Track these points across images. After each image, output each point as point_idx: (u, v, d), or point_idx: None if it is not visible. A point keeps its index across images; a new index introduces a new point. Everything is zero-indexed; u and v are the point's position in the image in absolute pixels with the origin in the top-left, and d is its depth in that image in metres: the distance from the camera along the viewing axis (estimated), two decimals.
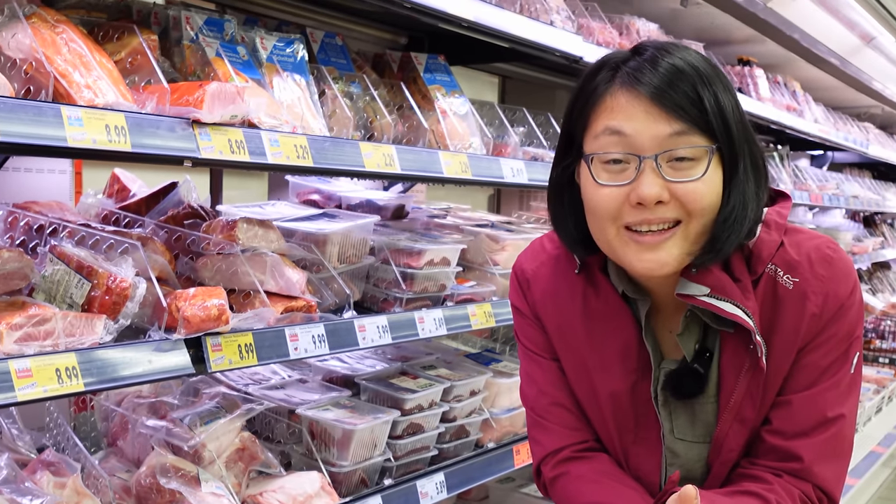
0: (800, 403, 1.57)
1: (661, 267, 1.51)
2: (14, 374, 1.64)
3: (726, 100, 1.49)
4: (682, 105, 1.45)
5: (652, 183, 1.46)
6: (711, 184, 1.49)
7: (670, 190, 1.47)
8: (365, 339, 2.40)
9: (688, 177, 1.47)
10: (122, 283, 1.90)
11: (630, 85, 1.48)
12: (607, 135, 1.50)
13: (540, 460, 1.78)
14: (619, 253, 1.54)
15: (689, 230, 1.49)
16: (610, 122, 1.49)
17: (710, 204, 1.49)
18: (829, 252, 1.58)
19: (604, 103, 1.51)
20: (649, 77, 1.47)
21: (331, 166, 2.31)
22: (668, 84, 1.46)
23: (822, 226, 7.36)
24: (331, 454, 2.46)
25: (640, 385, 1.65)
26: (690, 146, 1.47)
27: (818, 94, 6.84)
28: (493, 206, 4.67)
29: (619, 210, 1.50)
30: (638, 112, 1.47)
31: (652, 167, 1.47)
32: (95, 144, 1.76)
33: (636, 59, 1.51)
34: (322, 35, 2.79)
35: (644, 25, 4.12)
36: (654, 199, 1.46)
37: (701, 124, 1.47)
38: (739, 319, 1.52)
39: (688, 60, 1.49)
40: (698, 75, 1.48)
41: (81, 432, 2.44)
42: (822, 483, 1.57)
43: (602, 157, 1.51)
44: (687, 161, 1.47)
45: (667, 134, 1.46)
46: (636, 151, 1.47)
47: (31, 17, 1.89)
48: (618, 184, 1.50)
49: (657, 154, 1.46)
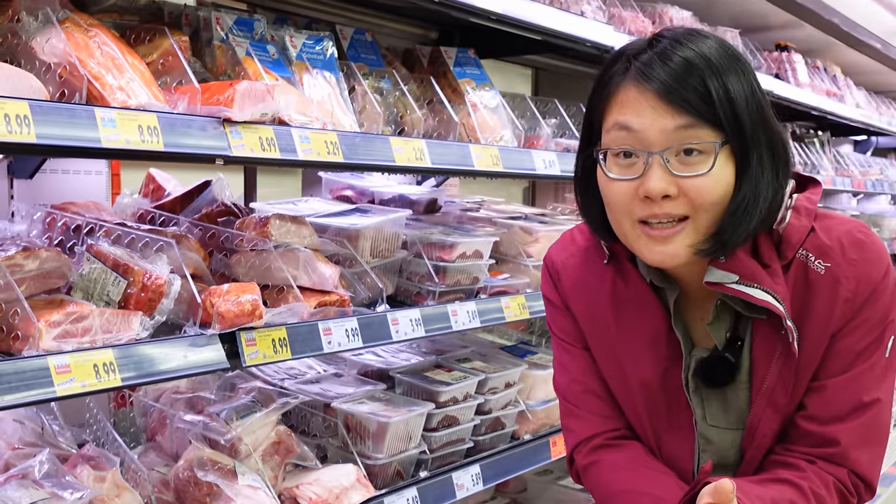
0: (835, 388, 1.56)
1: (671, 259, 1.52)
2: (53, 370, 1.68)
3: (739, 89, 1.48)
4: (688, 99, 1.45)
5: (658, 178, 1.47)
6: (720, 177, 1.48)
7: (678, 185, 1.47)
8: (398, 332, 2.42)
9: (695, 171, 1.47)
10: (157, 281, 1.94)
11: (639, 80, 1.49)
12: (617, 129, 1.51)
13: (573, 448, 1.78)
14: (633, 245, 1.56)
15: (697, 224, 1.49)
16: (619, 118, 1.50)
17: (719, 198, 1.48)
18: (860, 236, 1.57)
19: (616, 97, 1.52)
20: (658, 72, 1.47)
21: (361, 161, 2.33)
22: (674, 78, 1.46)
23: (866, 213, 7.22)
24: (366, 447, 2.48)
25: (671, 373, 1.65)
26: (697, 140, 1.46)
27: (860, 79, 6.72)
28: (528, 198, 4.67)
29: (630, 204, 1.51)
30: (645, 107, 1.47)
31: (659, 162, 1.47)
32: (129, 145, 1.79)
33: (648, 52, 1.51)
34: (352, 32, 2.81)
35: (677, 13, 4.08)
36: (660, 193, 1.47)
37: (709, 118, 1.46)
38: (769, 305, 1.51)
39: (701, 51, 1.48)
40: (709, 66, 1.47)
41: (121, 428, 2.49)
42: (858, 468, 1.56)
43: (613, 150, 1.52)
44: (695, 155, 1.47)
45: (673, 128, 1.46)
46: (644, 146, 1.48)
47: (65, 21, 1.93)
48: (627, 178, 1.51)
49: (664, 149, 1.47)
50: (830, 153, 6.45)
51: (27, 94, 1.68)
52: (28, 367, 1.65)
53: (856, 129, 6.63)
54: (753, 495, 1.49)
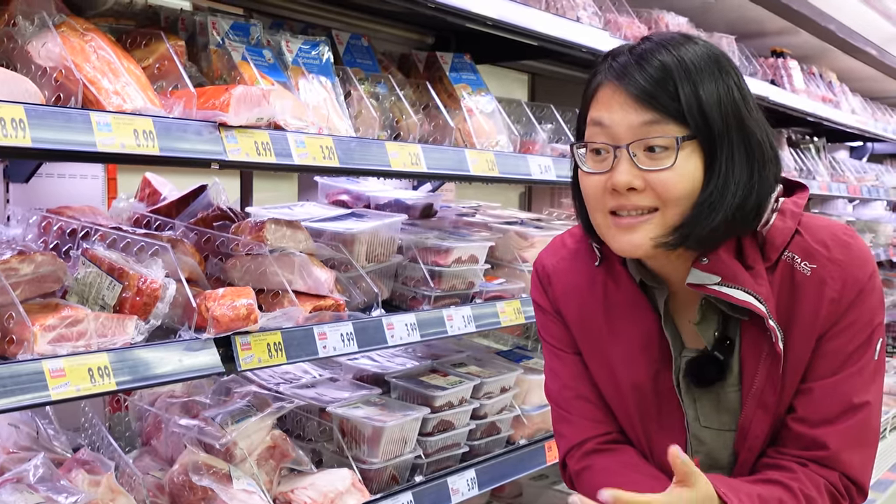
0: (824, 390, 1.56)
1: (634, 248, 1.55)
2: (48, 373, 1.68)
3: (711, 90, 1.50)
4: (654, 94, 1.49)
5: (624, 171, 1.51)
6: (685, 172, 1.50)
7: (644, 178, 1.51)
8: (393, 336, 2.42)
9: (659, 165, 1.50)
10: (152, 285, 1.94)
11: (613, 79, 1.54)
12: (592, 125, 1.57)
13: (565, 453, 1.79)
14: (605, 236, 1.60)
15: (666, 217, 1.52)
16: (594, 114, 1.56)
17: (685, 192, 1.51)
18: (845, 237, 1.58)
19: (596, 96, 1.58)
20: (630, 70, 1.52)
21: (357, 166, 2.33)
22: (646, 79, 1.50)
23: (862, 218, 7.24)
24: (361, 451, 2.48)
25: (662, 374, 1.66)
26: (661, 135, 1.50)
27: (855, 85, 6.74)
28: (524, 203, 4.67)
29: (602, 197, 1.55)
30: (615, 103, 1.53)
31: (626, 156, 1.51)
32: (124, 149, 1.80)
33: (627, 54, 1.56)
34: (348, 37, 2.82)
35: (673, 19, 4.09)
36: (625, 185, 1.51)
37: (674, 114, 1.49)
38: (751, 306, 1.53)
39: (679, 56, 1.52)
40: (684, 71, 1.50)
41: (116, 432, 2.49)
42: (849, 470, 1.56)
43: (590, 147, 1.57)
44: (659, 151, 1.50)
45: (638, 123, 1.50)
46: (613, 141, 1.53)
47: (61, 26, 1.94)
48: (599, 171, 1.55)
49: (629, 143, 1.51)
50: (826, 159, 6.46)
51: (23, 98, 1.68)
52: (23, 370, 1.65)
53: (851, 136, 6.64)
54: (741, 492, 1.50)
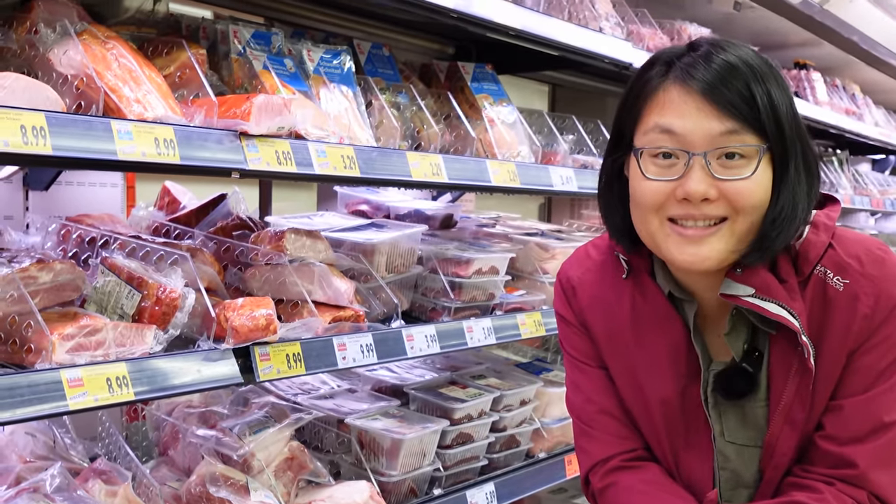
0: (854, 408, 1.53)
1: (701, 261, 1.50)
2: (66, 383, 1.67)
3: (780, 98, 1.48)
4: (734, 102, 1.45)
5: (700, 180, 1.46)
6: (761, 182, 1.47)
7: (718, 187, 1.47)
8: (413, 348, 2.40)
9: (737, 175, 1.46)
10: (171, 294, 1.93)
11: (682, 81, 1.48)
12: (657, 132, 1.50)
13: (588, 470, 1.76)
14: (660, 245, 1.54)
15: (735, 227, 1.49)
16: (660, 120, 1.50)
17: (759, 202, 1.48)
18: (879, 253, 1.55)
19: (656, 98, 1.51)
20: (702, 73, 1.47)
21: (378, 176, 2.32)
22: (720, 80, 1.46)
23: (885, 231, 7.17)
24: (380, 464, 2.46)
25: (690, 389, 1.63)
26: (742, 144, 1.46)
27: (879, 97, 6.69)
28: (544, 214, 4.65)
29: (664, 203, 1.50)
30: (689, 108, 1.47)
31: (701, 164, 1.47)
32: (145, 157, 1.79)
33: (690, 54, 1.51)
34: (369, 46, 2.81)
35: (696, 30, 4.07)
36: (700, 195, 1.46)
37: (753, 122, 1.46)
38: (784, 320, 1.50)
39: (742, 57, 1.48)
40: (752, 72, 1.47)
41: (133, 442, 2.48)
42: (878, 490, 1.52)
43: (651, 150, 1.51)
44: (737, 159, 1.47)
45: (718, 132, 1.46)
46: (686, 147, 1.48)
47: (83, 34, 1.94)
48: (666, 178, 1.50)
49: (707, 151, 1.46)
50: (849, 172, 6.41)
51: (44, 105, 1.68)
52: (41, 380, 1.64)
53: (874, 148, 6.58)
54: None
